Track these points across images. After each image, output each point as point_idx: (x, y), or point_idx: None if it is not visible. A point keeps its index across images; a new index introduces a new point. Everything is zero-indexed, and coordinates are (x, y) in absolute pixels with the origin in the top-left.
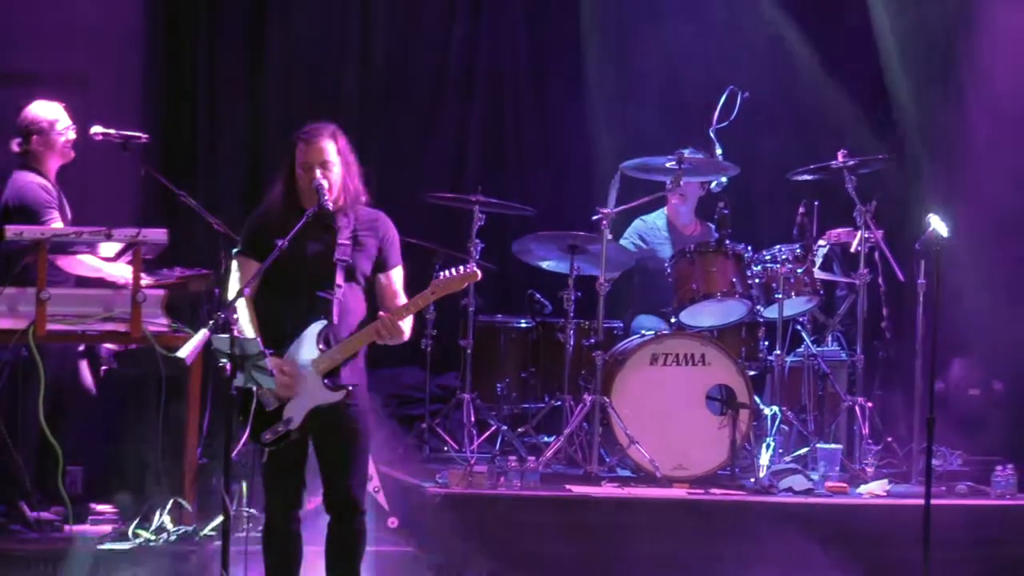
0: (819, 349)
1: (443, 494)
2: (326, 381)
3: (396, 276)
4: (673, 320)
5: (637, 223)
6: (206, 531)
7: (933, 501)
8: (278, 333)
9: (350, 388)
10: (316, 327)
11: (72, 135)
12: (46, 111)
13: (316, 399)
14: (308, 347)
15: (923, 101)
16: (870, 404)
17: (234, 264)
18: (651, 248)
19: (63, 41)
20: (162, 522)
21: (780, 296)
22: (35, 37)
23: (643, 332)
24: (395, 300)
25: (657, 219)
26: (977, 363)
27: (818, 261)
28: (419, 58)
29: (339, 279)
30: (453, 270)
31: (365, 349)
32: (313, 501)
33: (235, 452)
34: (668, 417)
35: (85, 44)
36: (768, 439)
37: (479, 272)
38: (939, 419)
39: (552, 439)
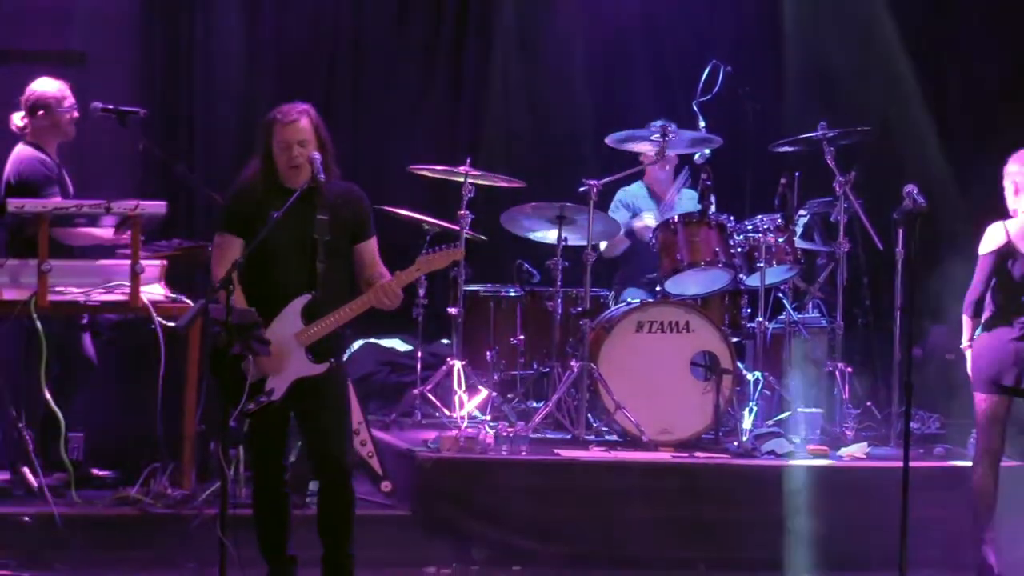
0: (800, 316)
1: (434, 459)
2: (309, 355)
3: (373, 246)
4: (658, 289)
5: (620, 193)
6: (204, 495)
7: (911, 463)
8: (262, 308)
9: (332, 361)
10: (299, 301)
11: (75, 114)
12: (53, 88)
13: (299, 371)
14: (291, 321)
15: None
16: (850, 369)
17: (216, 241)
18: (635, 212)
19: (62, 19)
20: (162, 487)
21: (762, 265)
22: (34, 15)
23: (629, 301)
24: (375, 268)
25: (638, 189)
26: (953, 329)
27: (799, 230)
28: (409, 31)
29: (321, 254)
30: (439, 248)
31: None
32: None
33: (232, 418)
34: (653, 383)
35: (83, 22)
36: (751, 404)
37: (463, 252)
38: (917, 384)
39: (541, 405)
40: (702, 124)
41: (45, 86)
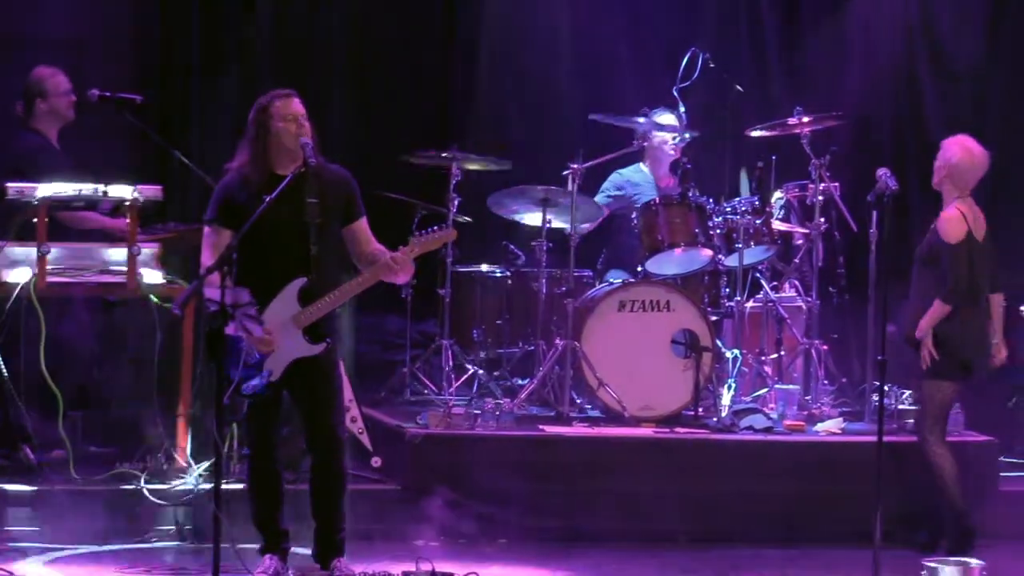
0: (777, 295)
1: (423, 435)
2: (306, 336)
3: (365, 224)
4: (640, 269)
5: (614, 176)
6: (199, 472)
7: (885, 437)
8: (258, 292)
9: (328, 341)
10: (295, 284)
11: (72, 97)
12: (47, 76)
13: (297, 352)
14: (288, 304)
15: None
16: (826, 347)
17: (206, 231)
18: (629, 197)
19: (60, 6)
20: (158, 463)
21: (740, 246)
22: (32, 2)
23: (611, 281)
24: (371, 245)
25: (635, 173)
26: None
27: (776, 212)
28: (401, 18)
29: (313, 237)
30: (431, 230)
31: None
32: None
33: (226, 397)
34: (635, 360)
35: (81, 9)
36: (730, 380)
37: (454, 233)
38: (890, 360)
39: (526, 382)
40: (682, 109)
41: (40, 74)
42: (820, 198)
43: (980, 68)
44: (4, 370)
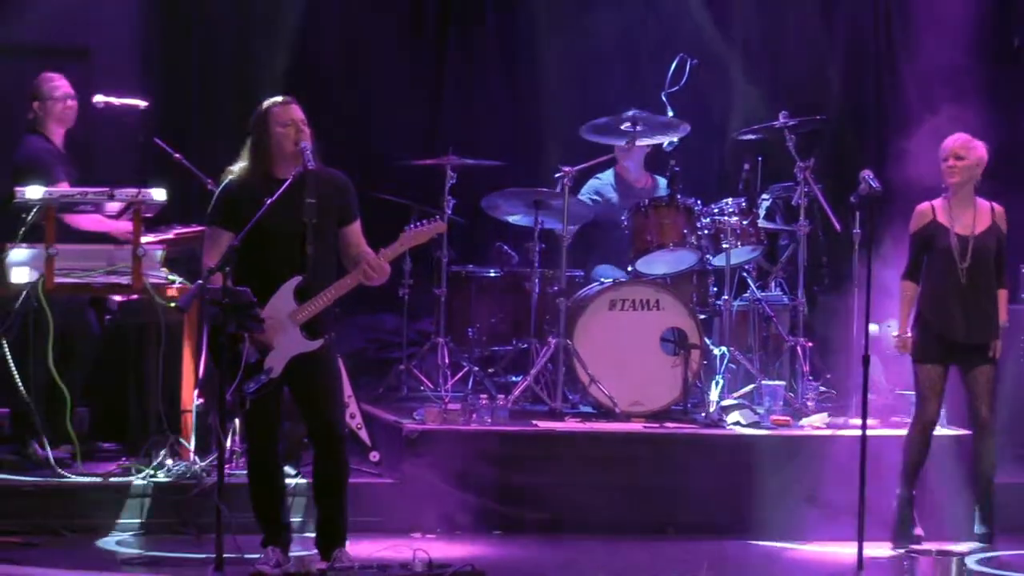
0: (763, 294)
1: (420, 430)
2: (304, 332)
3: (358, 228)
4: (630, 269)
5: (592, 181)
6: (203, 466)
7: (868, 432)
8: (256, 290)
9: (326, 337)
10: (292, 283)
11: (71, 102)
12: (45, 80)
13: (295, 349)
14: (285, 301)
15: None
16: (810, 344)
17: (207, 232)
18: (607, 202)
19: (66, 15)
20: (162, 458)
21: (727, 246)
22: (39, 12)
23: (602, 280)
24: (359, 248)
25: (609, 177)
26: None
27: (762, 213)
28: (395, 25)
29: (310, 237)
30: (422, 223)
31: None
32: None
33: (228, 393)
34: (626, 357)
35: (87, 18)
36: (717, 377)
37: (444, 225)
38: (873, 357)
39: (519, 379)
40: (670, 114)
41: (39, 79)
42: (804, 199)
43: (960, 69)
44: (13, 368)
